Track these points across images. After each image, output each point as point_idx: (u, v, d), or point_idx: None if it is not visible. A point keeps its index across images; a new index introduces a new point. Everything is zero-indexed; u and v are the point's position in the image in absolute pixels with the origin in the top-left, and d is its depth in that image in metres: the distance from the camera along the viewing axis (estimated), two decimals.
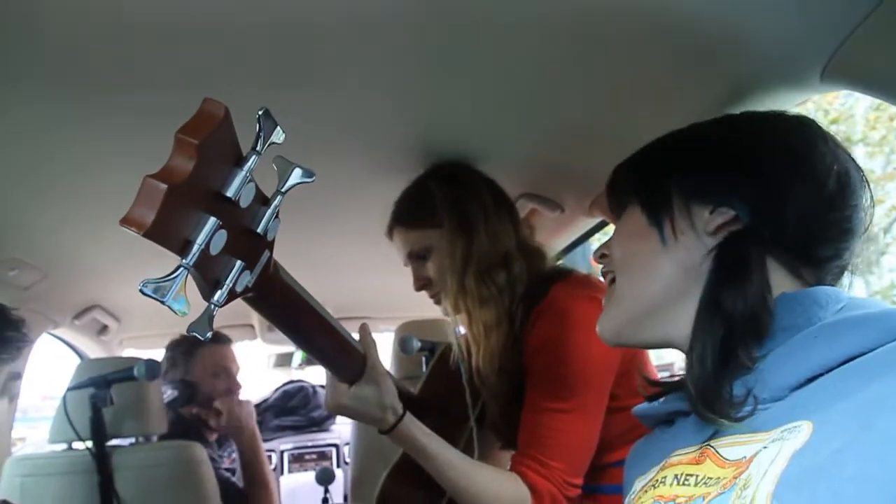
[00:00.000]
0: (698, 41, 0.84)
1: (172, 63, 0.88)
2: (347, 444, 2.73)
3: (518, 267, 1.22)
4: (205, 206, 0.45)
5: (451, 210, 1.23)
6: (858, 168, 0.66)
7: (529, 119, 1.16)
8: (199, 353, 2.16)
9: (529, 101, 1.08)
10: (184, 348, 2.18)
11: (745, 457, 0.55)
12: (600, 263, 0.77)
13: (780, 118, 0.70)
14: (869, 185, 0.66)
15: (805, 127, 0.68)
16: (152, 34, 0.80)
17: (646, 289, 0.68)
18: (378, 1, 0.75)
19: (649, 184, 0.71)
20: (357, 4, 0.75)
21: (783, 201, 0.63)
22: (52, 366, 2.52)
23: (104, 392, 1.65)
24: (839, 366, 0.54)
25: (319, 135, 1.14)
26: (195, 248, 0.44)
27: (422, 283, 1.30)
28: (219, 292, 0.51)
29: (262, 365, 3.67)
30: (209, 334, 0.50)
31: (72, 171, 1.24)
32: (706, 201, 0.66)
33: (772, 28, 0.80)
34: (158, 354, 2.23)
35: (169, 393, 2.06)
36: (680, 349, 0.70)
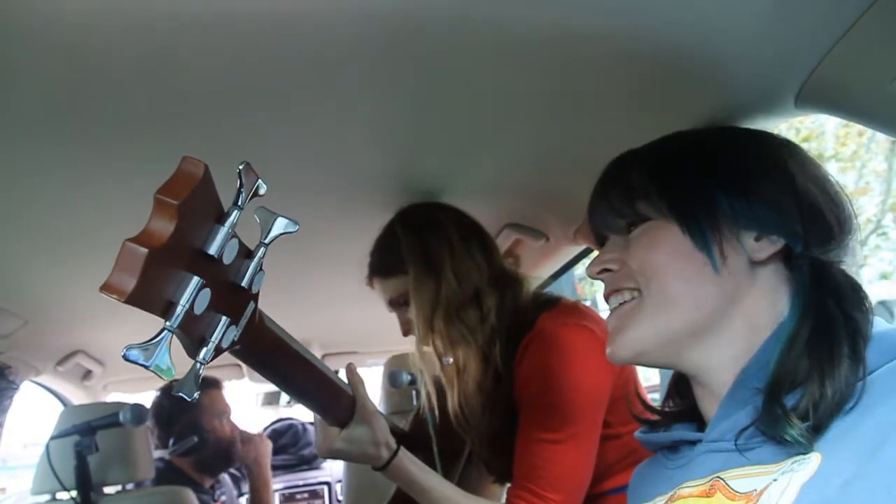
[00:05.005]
0: (674, 69, 0.85)
1: (150, 104, 0.88)
2: (339, 481, 2.69)
3: (491, 301, 1.21)
4: (187, 267, 0.44)
5: (414, 255, 1.22)
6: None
7: (510, 149, 1.17)
8: (206, 398, 2.16)
9: (509, 132, 1.09)
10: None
11: (755, 489, 0.55)
12: (599, 279, 0.72)
13: (791, 143, 0.70)
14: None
15: (817, 161, 0.69)
16: (131, 76, 0.80)
17: (686, 312, 0.65)
18: (354, 34, 0.75)
19: (691, 204, 0.67)
20: (332, 38, 0.76)
21: (830, 230, 0.64)
22: (33, 413, 2.47)
23: (89, 439, 1.62)
24: None
25: (300, 170, 1.14)
26: (179, 309, 0.44)
27: (407, 328, 1.30)
28: (205, 350, 0.50)
29: (250, 404, 3.63)
30: (196, 394, 0.49)
31: (50, 216, 1.22)
32: (751, 227, 0.64)
33: (746, 56, 0.81)
34: (144, 398, 2.20)
35: (182, 442, 2.05)
36: (694, 374, 0.68)
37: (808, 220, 0.64)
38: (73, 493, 1.61)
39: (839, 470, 0.49)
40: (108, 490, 1.73)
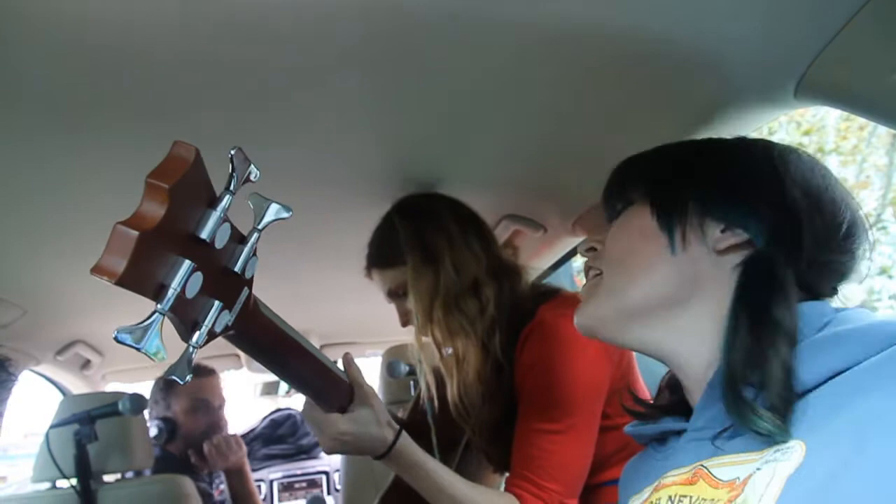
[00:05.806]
0: (673, 62, 0.85)
1: (147, 95, 0.88)
2: (337, 471, 2.70)
3: (489, 291, 1.21)
4: (178, 250, 0.44)
5: (413, 246, 1.22)
6: (863, 216, 0.67)
7: (509, 141, 1.17)
8: (178, 387, 2.13)
9: (508, 124, 1.08)
10: (163, 384, 2.17)
11: (738, 478, 0.55)
12: (586, 256, 0.77)
13: (795, 152, 0.70)
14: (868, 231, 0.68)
15: (823, 169, 0.68)
16: (126, 66, 0.80)
17: (639, 288, 0.67)
18: (352, 28, 0.76)
19: (666, 188, 0.70)
20: (330, 29, 0.76)
21: (801, 234, 0.63)
22: (33, 402, 2.48)
23: (89, 428, 1.62)
24: (827, 381, 0.54)
25: (298, 162, 1.14)
26: (170, 292, 0.44)
27: (406, 319, 1.30)
28: (197, 334, 0.50)
29: (248, 394, 3.63)
30: (188, 377, 0.49)
31: (48, 206, 1.22)
32: (719, 219, 0.65)
33: (745, 48, 0.81)
34: (143, 388, 2.21)
35: (153, 431, 2.04)
36: (666, 360, 0.69)
37: (780, 222, 0.63)
38: (73, 482, 1.62)
39: (823, 461, 0.49)
40: (107, 478, 1.74)
